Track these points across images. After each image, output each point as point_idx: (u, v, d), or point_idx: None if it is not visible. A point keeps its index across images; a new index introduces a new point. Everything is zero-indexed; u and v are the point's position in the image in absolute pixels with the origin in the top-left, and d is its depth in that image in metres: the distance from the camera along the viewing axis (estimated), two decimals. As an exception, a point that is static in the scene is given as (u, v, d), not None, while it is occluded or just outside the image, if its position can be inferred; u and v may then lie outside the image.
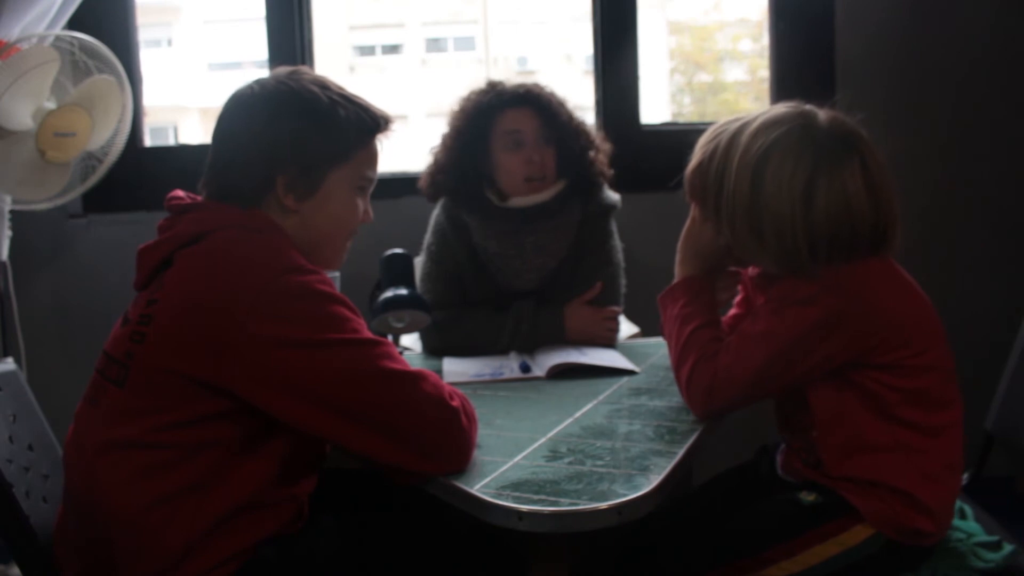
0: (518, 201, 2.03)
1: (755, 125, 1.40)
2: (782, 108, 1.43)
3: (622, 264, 2.12)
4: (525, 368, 1.84)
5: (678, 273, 1.57)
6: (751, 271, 1.56)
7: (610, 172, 2.11)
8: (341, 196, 1.40)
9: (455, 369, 1.87)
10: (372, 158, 1.42)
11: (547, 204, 2.02)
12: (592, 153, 2.06)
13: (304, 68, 1.42)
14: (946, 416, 1.40)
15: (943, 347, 1.42)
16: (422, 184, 2.11)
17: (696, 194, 1.49)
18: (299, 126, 1.34)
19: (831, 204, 1.35)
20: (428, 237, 2.13)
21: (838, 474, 1.39)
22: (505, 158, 2.01)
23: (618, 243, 2.12)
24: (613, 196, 2.11)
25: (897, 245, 1.42)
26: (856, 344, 1.36)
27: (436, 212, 2.14)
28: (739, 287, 1.65)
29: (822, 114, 1.42)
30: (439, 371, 1.85)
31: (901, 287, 1.42)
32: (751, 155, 1.38)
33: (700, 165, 1.46)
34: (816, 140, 1.37)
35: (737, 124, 1.43)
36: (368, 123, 1.39)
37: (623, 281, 2.11)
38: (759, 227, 1.38)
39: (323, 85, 1.37)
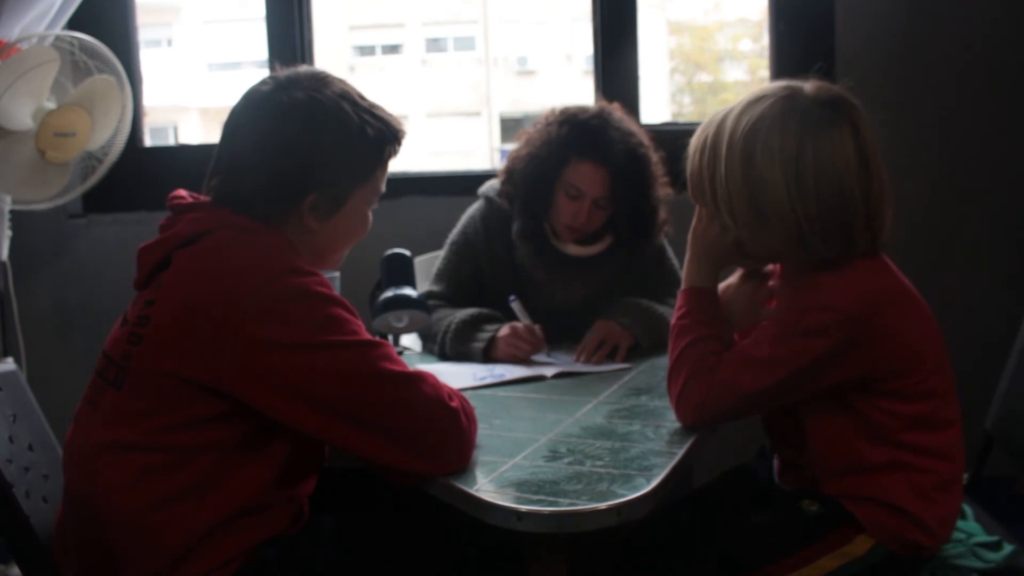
0: (574, 250, 2.06)
1: (739, 107, 1.39)
2: (765, 86, 1.41)
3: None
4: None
5: (685, 275, 1.51)
6: (772, 282, 1.52)
7: (667, 229, 2.12)
8: (358, 213, 1.39)
9: (455, 371, 1.86)
10: (386, 172, 1.41)
11: (600, 255, 2.07)
12: (659, 219, 2.08)
13: (327, 74, 1.36)
14: (945, 436, 1.37)
15: (946, 371, 1.39)
16: (500, 182, 2.11)
17: (695, 192, 1.46)
18: (332, 147, 1.31)
19: (821, 171, 1.32)
20: (456, 233, 2.15)
21: (834, 491, 1.38)
22: (560, 201, 2.01)
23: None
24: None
25: (888, 232, 1.38)
26: (861, 373, 1.33)
27: (471, 211, 2.15)
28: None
29: (808, 85, 1.40)
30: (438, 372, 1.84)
31: (910, 311, 1.38)
32: (738, 134, 1.35)
33: (692, 162, 1.44)
34: (801, 107, 1.35)
35: (722, 112, 1.41)
36: (389, 138, 1.37)
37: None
38: (758, 207, 1.35)
39: (351, 99, 1.34)
